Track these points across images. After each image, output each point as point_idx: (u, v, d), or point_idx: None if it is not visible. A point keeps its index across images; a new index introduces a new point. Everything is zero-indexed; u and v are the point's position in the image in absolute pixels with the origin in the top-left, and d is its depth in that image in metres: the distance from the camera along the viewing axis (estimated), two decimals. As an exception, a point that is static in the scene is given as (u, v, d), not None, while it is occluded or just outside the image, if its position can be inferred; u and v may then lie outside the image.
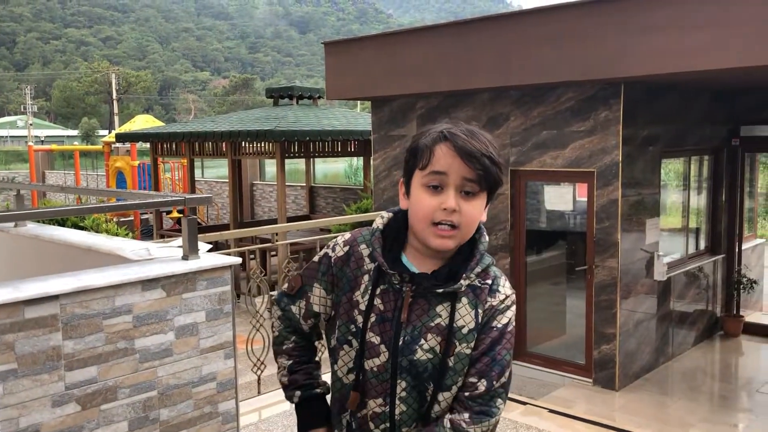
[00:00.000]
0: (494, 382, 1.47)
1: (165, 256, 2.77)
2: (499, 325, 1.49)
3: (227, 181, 12.78)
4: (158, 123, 16.55)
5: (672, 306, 7.41)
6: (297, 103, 12.50)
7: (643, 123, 6.65)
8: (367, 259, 1.53)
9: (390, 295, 1.48)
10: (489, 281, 1.51)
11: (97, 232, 4.91)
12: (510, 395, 4.70)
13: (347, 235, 1.60)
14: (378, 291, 1.49)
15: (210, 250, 2.91)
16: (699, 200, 8.27)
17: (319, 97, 12.51)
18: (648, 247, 6.90)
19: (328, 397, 1.70)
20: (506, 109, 7.18)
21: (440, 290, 1.45)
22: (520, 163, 7.12)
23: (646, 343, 7.00)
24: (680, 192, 7.99)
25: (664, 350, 7.34)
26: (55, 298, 2.27)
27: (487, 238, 1.55)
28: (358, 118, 12.10)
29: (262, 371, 4.40)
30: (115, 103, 56.46)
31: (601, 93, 6.45)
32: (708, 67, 5.43)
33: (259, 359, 4.32)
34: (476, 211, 1.44)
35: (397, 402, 1.47)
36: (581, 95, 6.59)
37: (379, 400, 1.48)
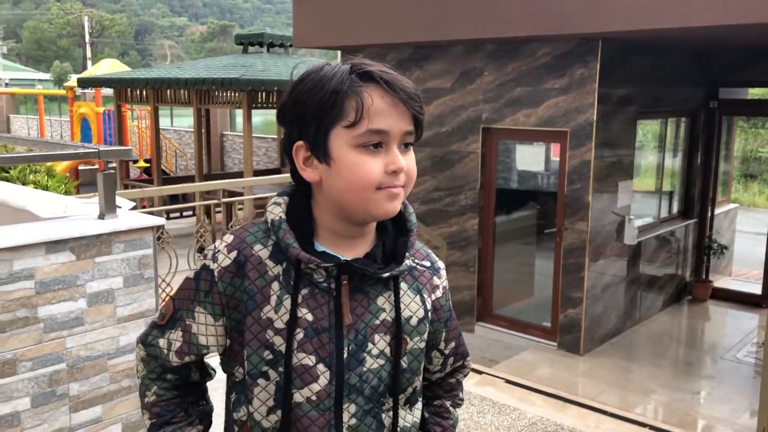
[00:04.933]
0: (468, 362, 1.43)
1: (81, 215, 2.51)
2: (450, 304, 1.34)
3: (188, 129, 12.35)
4: (124, 68, 15.97)
5: (641, 270, 7.30)
6: (268, 51, 12.04)
7: (620, 82, 6.41)
8: (269, 263, 1.16)
9: (318, 299, 1.14)
10: (426, 262, 1.27)
11: (23, 183, 4.61)
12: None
13: (229, 238, 1.20)
14: (300, 298, 1.14)
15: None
16: (674, 163, 8.11)
17: (291, 46, 12.06)
18: (619, 210, 6.73)
19: None
20: (480, 63, 6.88)
21: (386, 274, 1.15)
22: (492, 120, 6.86)
23: (613, 307, 6.90)
24: (655, 154, 7.81)
25: (631, 314, 7.26)
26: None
27: (411, 209, 1.27)
28: (333, 68, 11.64)
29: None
30: (88, 46, 54.86)
31: (577, 49, 6.18)
32: (688, 24, 5.18)
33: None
34: (414, 163, 1.17)
35: None
36: (557, 51, 6.30)
37: None
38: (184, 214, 11.91)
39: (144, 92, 11.08)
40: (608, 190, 6.52)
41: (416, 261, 1.25)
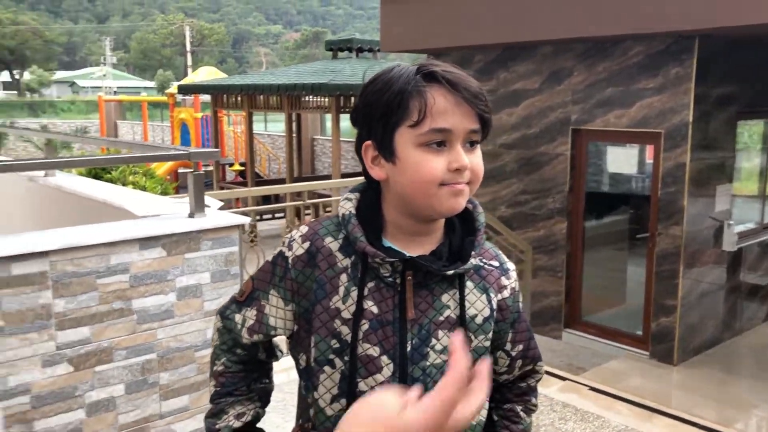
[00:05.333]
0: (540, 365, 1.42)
1: (173, 214, 2.64)
2: (522, 304, 1.35)
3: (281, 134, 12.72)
4: (221, 75, 16.62)
5: (742, 278, 6.92)
6: (357, 56, 12.23)
7: (719, 81, 6.11)
8: (338, 255, 1.21)
9: (383, 292, 1.18)
10: (495, 262, 1.29)
11: (123, 184, 4.93)
12: (550, 368, 4.47)
13: (304, 229, 1.26)
14: (366, 291, 1.19)
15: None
16: (780, 165, 7.64)
17: (380, 50, 12.20)
18: (717, 215, 6.42)
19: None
20: (569, 63, 6.74)
21: (450, 271, 1.17)
22: (582, 122, 6.70)
23: (710, 316, 6.57)
24: (759, 156, 7.39)
25: (730, 325, 6.89)
26: (44, 254, 2.16)
27: (481, 208, 1.28)
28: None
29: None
30: (189, 55, 57.32)
31: (673, 47, 5.94)
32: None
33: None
34: (481, 161, 1.18)
35: None
36: (651, 49, 6.08)
37: None
38: (277, 215, 12.25)
39: (238, 98, 11.49)
40: (705, 194, 6.23)
41: (484, 261, 1.27)
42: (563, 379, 3.73)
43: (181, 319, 2.54)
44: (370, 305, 1.18)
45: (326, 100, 9.91)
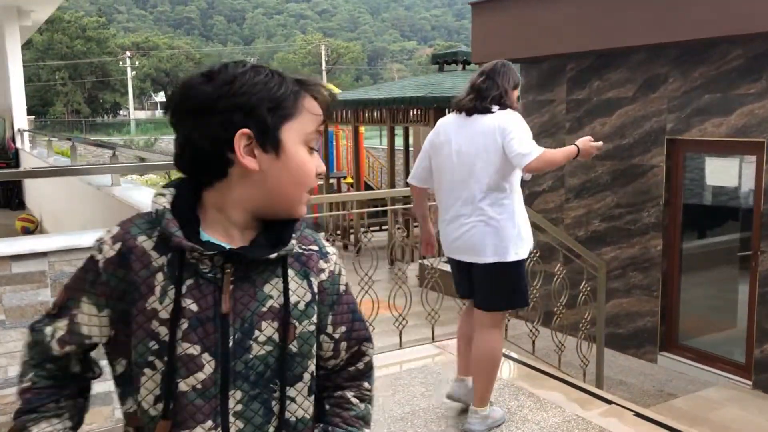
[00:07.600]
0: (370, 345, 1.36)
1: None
2: (345, 287, 1.30)
3: (400, 148, 12.96)
4: (337, 91, 17.11)
5: None
6: (464, 68, 12.18)
7: (831, 83, 5.51)
8: (153, 254, 1.15)
9: (202, 289, 1.14)
10: (314, 247, 1.26)
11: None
12: (594, 388, 4.20)
13: (114, 230, 1.20)
14: (184, 289, 1.14)
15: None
16: None
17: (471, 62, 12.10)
18: (834, 233, 5.76)
19: None
20: (663, 69, 6.35)
21: (273, 255, 1.14)
22: (678, 131, 6.28)
23: (826, 345, 5.90)
24: None
25: None
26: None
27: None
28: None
29: (403, 326, 4.69)
30: (324, 73, 59.57)
31: (776, 48, 5.45)
32: None
33: (401, 314, 4.64)
34: None
35: (231, 420, 1.17)
36: (751, 52, 5.61)
37: (208, 424, 1.16)
38: (383, 227, 12.40)
39: (348, 113, 11.82)
40: (817, 208, 5.62)
41: (303, 246, 1.24)
42: (609, 402, 3.49)
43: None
44: (189, 303, 1.14)
45: (425, 112, 9.96)
